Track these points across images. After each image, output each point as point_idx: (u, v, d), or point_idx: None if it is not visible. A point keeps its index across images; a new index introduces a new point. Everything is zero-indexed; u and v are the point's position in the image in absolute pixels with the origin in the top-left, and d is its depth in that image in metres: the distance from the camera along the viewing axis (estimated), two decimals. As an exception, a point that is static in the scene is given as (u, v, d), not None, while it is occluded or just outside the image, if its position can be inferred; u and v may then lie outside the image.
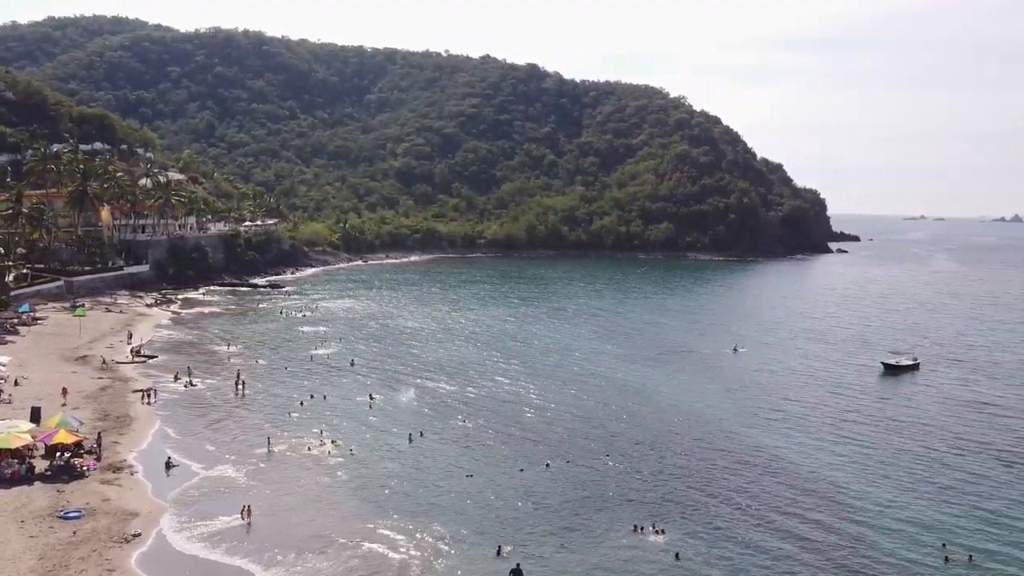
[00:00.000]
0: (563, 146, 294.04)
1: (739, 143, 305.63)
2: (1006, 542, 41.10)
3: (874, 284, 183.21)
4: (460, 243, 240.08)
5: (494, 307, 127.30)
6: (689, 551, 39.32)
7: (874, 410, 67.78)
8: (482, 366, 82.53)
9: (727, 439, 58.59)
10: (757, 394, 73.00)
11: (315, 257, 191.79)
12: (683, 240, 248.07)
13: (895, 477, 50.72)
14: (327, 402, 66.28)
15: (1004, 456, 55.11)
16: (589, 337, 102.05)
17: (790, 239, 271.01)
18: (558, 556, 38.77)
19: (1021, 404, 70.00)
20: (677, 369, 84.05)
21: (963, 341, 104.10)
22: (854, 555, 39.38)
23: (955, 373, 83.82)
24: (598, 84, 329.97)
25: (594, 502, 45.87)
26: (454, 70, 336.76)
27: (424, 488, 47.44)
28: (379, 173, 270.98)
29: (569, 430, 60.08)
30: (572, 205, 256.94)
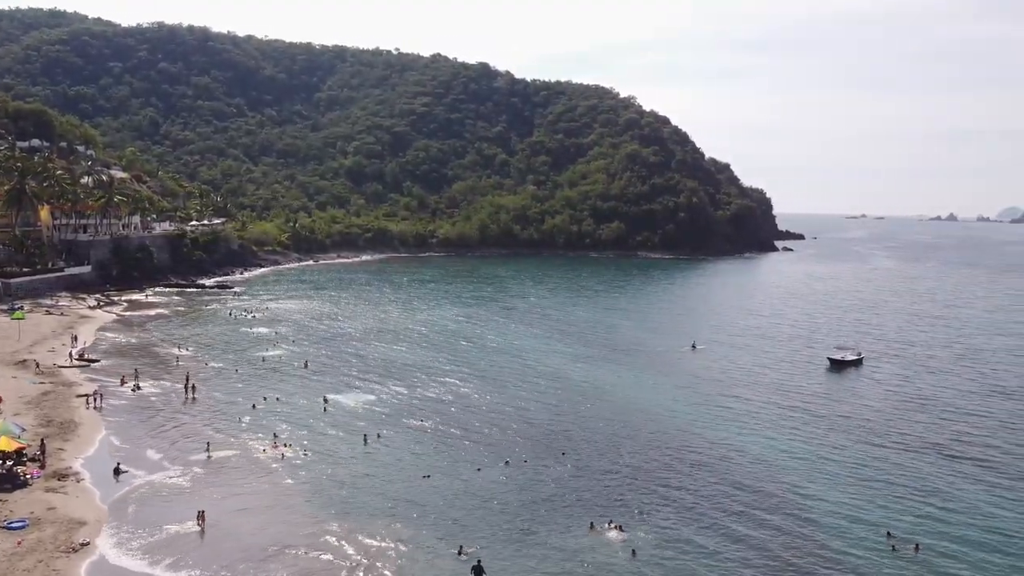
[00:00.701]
0: (514, 145, 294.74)
1: (688, 143, 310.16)
2: (948, 531, 42.54)
3: (818, 281, 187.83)
4: (412, 242, 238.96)
5: (446, 307, 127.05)
6: (646, 547, 39.87)
7: (821, 404, 69.52)
8: (435, 367, 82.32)
9: (681, 436, 59.50)
10: (709, 390, 74.26)
11: (264, 257, 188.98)
12: (634, 239, 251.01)
13: (842, 470, 52.12)
14: (280, 405, 65.36)
15: (943, 449, 57.01)
16: (542, 336, 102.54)
17: (738, 237, 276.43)
18: (518, 554, 38.97)
19: (958, 398, 72.49)
20: (631, 367, 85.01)
21: (903, 337, 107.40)
22: (806, 548, 40.34)
23: (896, 368, 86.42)
24: (549, 84, 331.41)
25: (552, 500, 46.18)
26: (405, 68, 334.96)
27: (381, 490, 47.18)
28: (329, 172, 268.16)
29: (524, 429, 60.33)
30: (524, 204, 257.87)
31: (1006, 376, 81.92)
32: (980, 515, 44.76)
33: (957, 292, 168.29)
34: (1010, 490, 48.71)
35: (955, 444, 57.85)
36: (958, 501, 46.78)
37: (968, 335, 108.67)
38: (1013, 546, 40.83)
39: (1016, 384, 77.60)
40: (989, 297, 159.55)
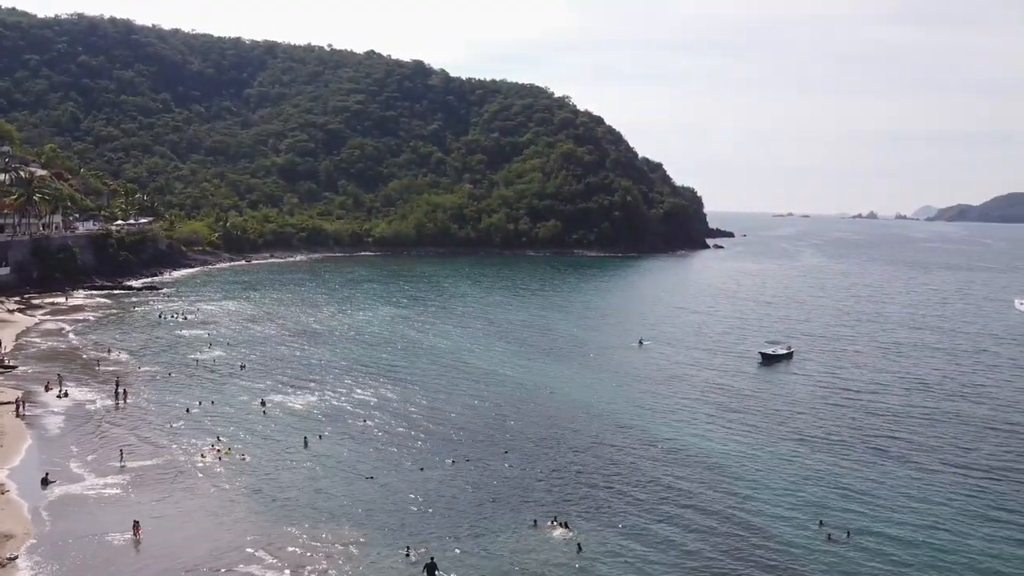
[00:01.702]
0: (450, 144, 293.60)
1: (621, 142, 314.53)
2: (876, 518, 44.37)
3: (748, 278, 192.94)
4: (347, 242, 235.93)
5: (383, 307, 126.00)
6: (591, 542, 40.45)
7: (755, 399, 71.53)
8: (374, 367, 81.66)
9: (621, 432, 60.45)
10: (647, 387, 75.62)
11: (194, 257, 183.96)
12: (570, 237, 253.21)
13: (777, 463, 53.78)
14: (215, 408, 63.93)
15: (870, 440, 59.32)
16: (481, 335, 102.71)
17: (671, 235, 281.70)
18: (466, 553, 39.05)
19: (882, 391, 75.51)
20: (570, 365, 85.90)
21: (830, 331, 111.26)
22: (746, 539, 41.51)
23: (824, 361, 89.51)
24: (484, 82, 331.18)
25: (496, 499, 46.42)
26: (338, 65, 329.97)
27: (325, 493, 46.66)
28: (261, 170, 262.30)
29: (466, 428, 60.41)
30: (460, 203, 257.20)
31: (926, 370, 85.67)
32: (906, 502, 46.78)
33: (879, 288, 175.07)
34: (932, 478, 51.02)
35: (880, 436, 60.24)
36: (885, 489, 48.80)
37: (890, 330, 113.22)
38: (938, 530, 42.81)
39: (936, 378, 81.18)
40: (909, 293, 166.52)
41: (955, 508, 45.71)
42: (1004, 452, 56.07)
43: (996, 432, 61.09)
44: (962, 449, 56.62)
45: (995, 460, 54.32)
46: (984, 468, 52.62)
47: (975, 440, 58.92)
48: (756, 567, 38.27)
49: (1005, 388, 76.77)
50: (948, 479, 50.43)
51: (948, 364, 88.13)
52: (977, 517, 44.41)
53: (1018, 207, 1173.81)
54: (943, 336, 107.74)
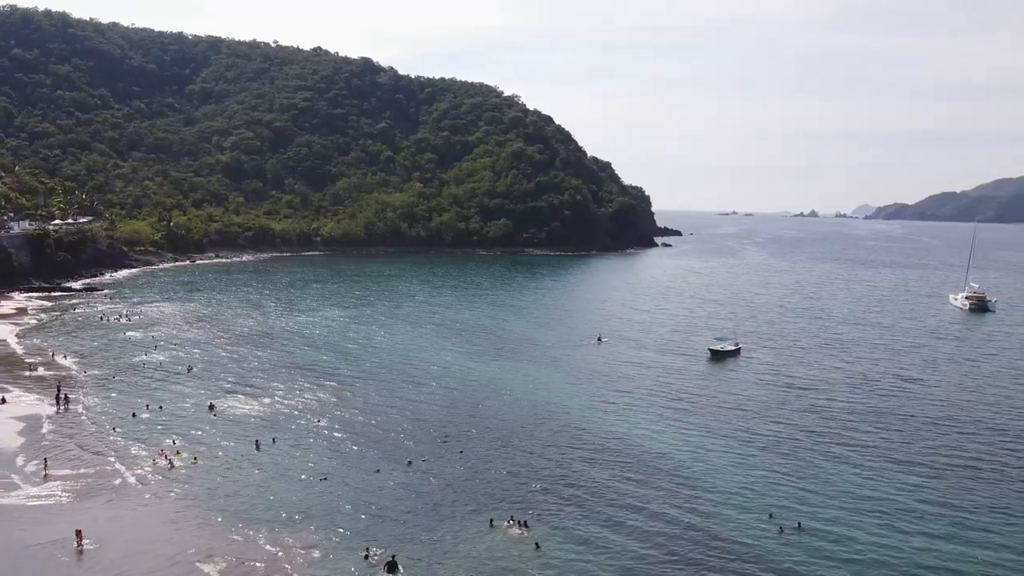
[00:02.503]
0: (400, 142, 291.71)
1: (571, 142, 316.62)
2: (824, 510, 45.66)
3: (696, 276, 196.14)
4: (295, 241, 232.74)
5: (333, 307, 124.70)
6: (550, 540, 40.79)
7: (705, 395, 72.84)
8: (324, 368, 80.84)
9: (575, 432, 60.97)
10: (601, 384, 76.41)
11: (136, 258, 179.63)
12: (520, 236, 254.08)
13: (728, 458, 54.92)
14: (164, 412, 62.60)
15: (815, 435, 60.97)
16: (432, 336, 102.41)
17: (620, 234, 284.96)
18: (425, 554, 38.99)
19: (826, 386, 77.66)
20: (523, 363, 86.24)
21: (775, 328, 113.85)
22: (700, 533, 42.36)
23: (770, 357, 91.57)
24: (433, 81, 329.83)
25: (453, 499, 46.45)
26: (284, 62, 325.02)
27: (279, 495, 46.10)
28: (205, 168, 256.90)
29: (420, 429, 60.26)
30: (410, 202, 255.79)
31: (868, 365, 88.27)
32: (851, 492, 48.28)
33: (821, 285, 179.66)
34: (876, 471, 52.71)
35: (826, 431, 61.90)
36: (832, 483, 50.25)
37: (832, 326, 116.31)
38: (883, 521, 44.26)
39: (876, 372, 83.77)
40: (849, 289, 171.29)
41: (899, 501, 47.26)
42: (943, 446, 58.09)
43: (935, 426, 63.27)
44: (904, 443, 58.55)
45: (935, 454, 56.24)
46: (924, 462, 54.41)
47: (916, 435, 60.97)
48: (713, 561, 39.06)
49: (943, 383, 79.62)
50: (891, 473, 52.09)
51: (888, 359, 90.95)
52: (919, 509, 45.95)
53: (950, 205, 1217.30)
54: (883, 332, 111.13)
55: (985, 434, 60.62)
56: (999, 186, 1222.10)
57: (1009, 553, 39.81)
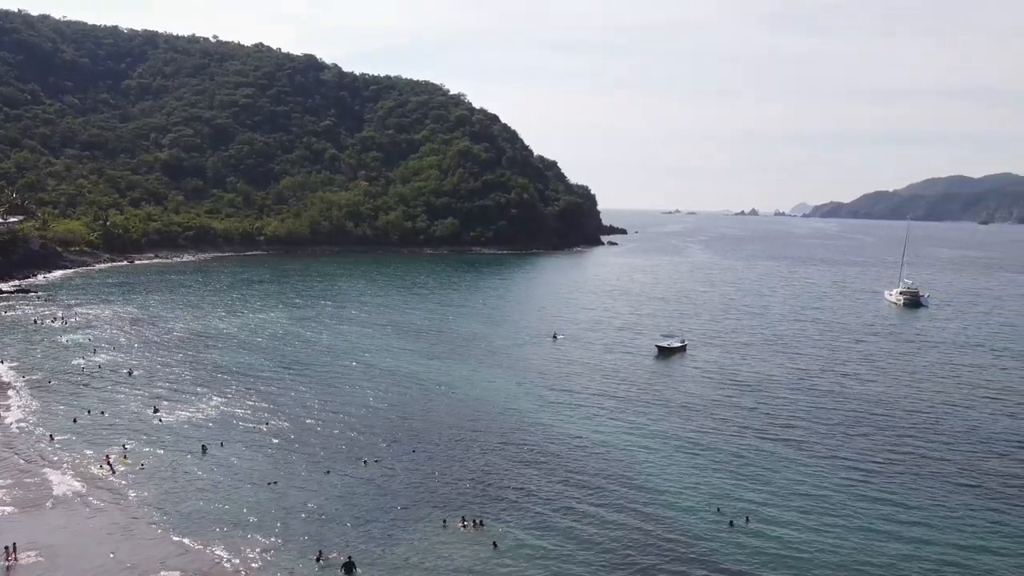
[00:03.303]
0: (344, 140, 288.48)
1: (517, 140, 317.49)
2: (771, 503, 46.88)
3: (642, 274, 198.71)
4: (238, 241, 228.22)
5: (279, 308, 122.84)
6: (506, 539, 41.00)
7: (653, 392, 73.95)
8: (270, 370, 79.62)
9: (526, 430, 61.33)
10: (550, 383, 76.91)
11: (71, 258, 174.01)
12: (468, 235, 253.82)
13: (677, 454, 55.90)
14: (106, 418, 60.90)
15: (760, 429, 62.54)
16: (380, 335, 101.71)
17: (567, 232, 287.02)
18: (381, 556, 38.81)
19: (769, 381, 79.62)
20: (472, 362, 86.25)
21: (719, 325, 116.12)
22: (652, 528, 43.06)
23: (715, 354, 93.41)
24: (378, 78, 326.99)
25: (407, 500, 46.30)
26: (225, 58, 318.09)
27: (229, 500, 45.30)
28: (143, 166, 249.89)
29: (371, 430, 59.87)
30: (356, 200, 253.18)
31: (808, 360, 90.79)
32: (796, 486, 49.63)
33: (763, 282, 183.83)
34: (818, 464, 54.30)
35: (770, 425, 63.50)
36: (777, 476, 51.62)
37: (774, 322, 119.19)
38: (826, 510, 45.66)
39: (817, 368, 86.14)
40: (790, 286, 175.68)
41: (841, 493, 48.76)
42: (883, 440, 60.00)
43: (874, 421, 65.36)
44: (845, 437, 60.35)
45: (875, 448, 58.06)
46: (864, 456, 56.10)
47: (856, 429, 62.90)
48: (667, 554, 39.74)
49: (880, 378, 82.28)
50: (834, 466, 53.65)
51: (828, 355, 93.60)
52: (861, 502, 47.41)
53: (882, 204, 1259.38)
54: (822, 327, 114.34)
55: (921, 427, 62.85)
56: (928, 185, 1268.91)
57: (947, 545, 41.29)
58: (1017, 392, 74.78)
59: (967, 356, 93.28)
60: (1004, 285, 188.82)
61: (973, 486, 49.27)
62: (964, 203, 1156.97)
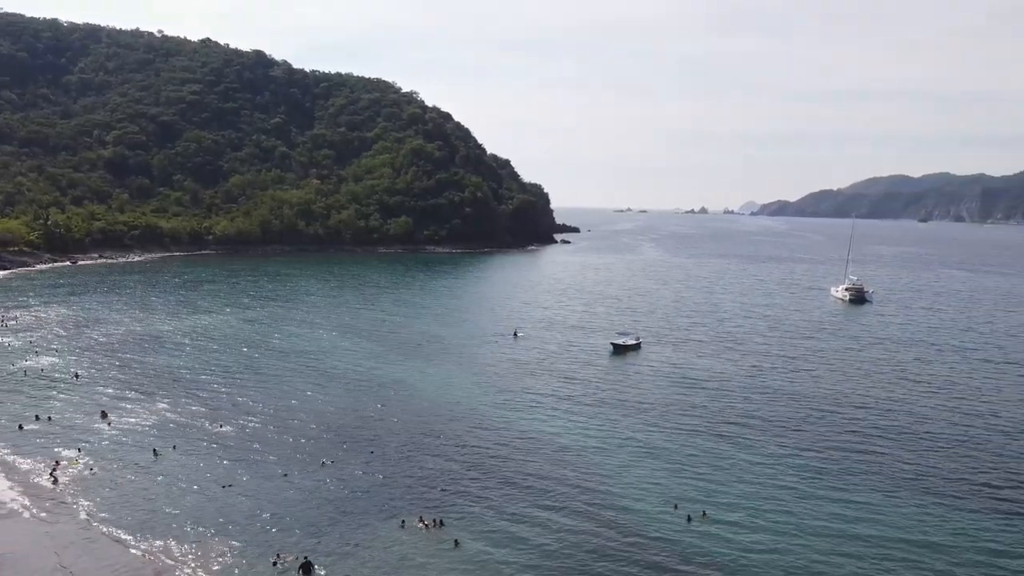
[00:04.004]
0: (295, 138, 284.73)
1: (470, 139, 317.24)
2: (727, 498, 47.74)
3: (595, 272, 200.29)
4: (186, 240, 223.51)
5: (229, 308, 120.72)
6: (468, 538, 41.03)
7: (610, 389, 74.62)
8: (223, 371, 78.30)
9: (484, 429, 61.38)
10: (507, 382, 77.07)
11: (10, 259, 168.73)
12: (421, 233, 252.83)
13: (634, 451, 56.51)
14: (53, 423, 59.17)
15: (714, 425, 63.61)
16: (334, 335, 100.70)
17: (520, 231, 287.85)
18: (339, 556, 38.51)
19: (722, 378, 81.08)
20: (427, 362, 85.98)
21: (672, 322, 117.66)
22: (611, 525, 43.51)
23: (668, 351, 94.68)
24: (329, 75, 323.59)
25: (364, 500, 46.01)
26: (170, 53, 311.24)
27: (182, 504, 44.47)
28: (85, 163, 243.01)
29: (327, 431, 59.31)
30: (308, 199, 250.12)
31: (758, 356, 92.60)
32: (750, 480, 50.65)
33: (714, 280, 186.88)
34: (772, 459, 55.51)
35: (723, 421, 64.60)
36: (731, 470, 52.59)
37: (726, 319, 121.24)
38: (780, 503, 46.71)
39: (768, 364, 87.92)
40: (740, 283, 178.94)
41: (795, 486, 49.92)
42: (831, 433, 61.57)
43: (823, 415, 67.00)
44: (795, 432, 61.73)
45: (824, 441, 59.53)
46: (815, 449, 57.53)
47: (806, 423, 64.42)
48: (625, 551, 40.21)
49: (828, 372, 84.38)
50: (785, 460, 54.90)
51: (778, 351, 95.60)
52: (812, 494, 48.58)
53: (827, 202, 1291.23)
54: (772, 324, 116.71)
55: (869, 423, 64.54)
56: (871, 184, 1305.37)
57: (895, 540, 42.39)
58: (958, 387, 77.40)
59: (910, 351, 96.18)
60: (943, 281, 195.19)
61: (919, 481, 50.70)
62: (905, 202, 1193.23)
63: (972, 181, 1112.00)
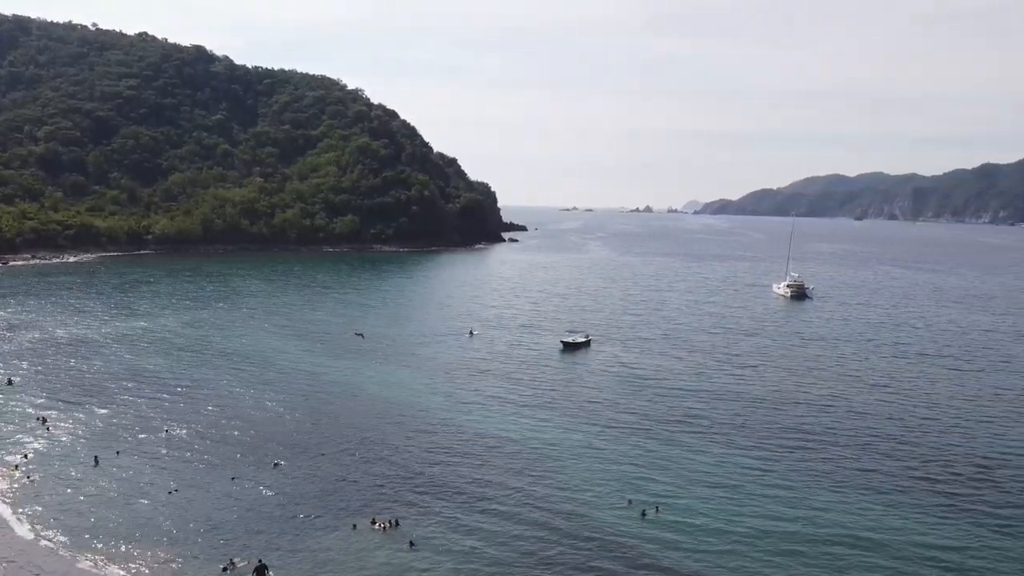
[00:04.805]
0: (238, 135, 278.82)
1: (416, 137, 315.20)
2: (678, 492, 48.56)
3: (543, 270, 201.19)
4: (124, 240, 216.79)
5: (171, 310, 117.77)
6: (423, 537, 40.88)
7: (560, 388, 75.13)
8: (165, 374, 76.43)
9: (435, 428, 61.23)
10: (458, 381, 76.96)
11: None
12: (368, 232, 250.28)
13: (585, 447, 57.06)
14: (-15, 430, 56.90)
15: (663, 421, 64.65)
16: (280, 336, 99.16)
17: (468, 229, 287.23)
18: (293, 559, 37.96)
19: (669, 374, 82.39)
20: (376, 362, 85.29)
21: (620, 320, 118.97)
22: (565, 520, 43.90)
23: (617, 348, 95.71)
24: (273, 72, 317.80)
25: (316, 502, 45.48)
26: (105, 47, 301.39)
27: (128, 511, 43.33)
28: (16, 160, 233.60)
29: (276, 433, 58.43)
30: (251, 197, 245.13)
31: (704, 353, 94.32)
32: (700, 475, 51.62)
33: (660, 278, 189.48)
34: (721, 454, 56.63)
35: (672, 418, 65.64)
36: (682, 465, 53.52)
37: (671, 316, 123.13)
38: (729, 496, 47.69)
39: (714, 360, 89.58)
40: (685, 281, 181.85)
41: (742, 484, 50.98)
42: (777, 427, 63.21)
43: (769, 409, 68.67)
44: (742, 427, 63.12)
45: (771, 435, 61.02)
46: (762, 444, 59.00)
47: (752, 418, 65.91)
48: (580, 546, 40.59)
49: (772, 367, 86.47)
50: (733, 453, 56.11)
51: (723, 347, 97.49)
52: (761, 488, 49.80)
53: (767, 201, 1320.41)
54: (716, 320, 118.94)
55: (812, 416, 66.38)
56: (809, 184, 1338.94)
57: (840, 528, 43.82)
58: (896, 382, 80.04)
59: (850, 347, 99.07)
60: (879, 277, 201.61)
61: (862, 476, 52.12)
62: (841, 200, 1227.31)
63: (904, 181, 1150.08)
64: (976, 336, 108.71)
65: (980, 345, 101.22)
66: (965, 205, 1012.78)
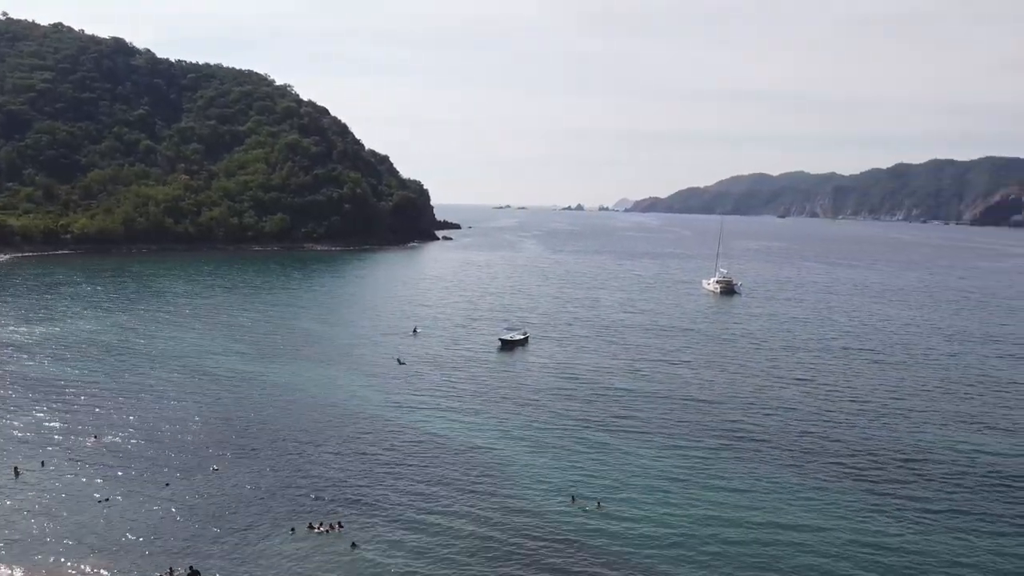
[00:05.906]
0: (161, 131, 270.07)
1: (348, 134, 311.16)
2: (619, 487, 49.27)
3: (478, 269, 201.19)
4: (40, 239, 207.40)
5: (92, 312, 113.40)
6: (365, 539, 40.44)
7: (500, 386, 75.25)
8: (88, 380, 73.46)
9: (375, 428, 60.66)
10: (396, 381, 76.35)
11: None
12: (299, 231, 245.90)
13: (527, 445, 57.36)
14: None
15: (601, 418, 65.46)
16: (208, 338, 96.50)
17: (401, 228, 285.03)
18: (229, 566, 37.03)
19: (606, 371, 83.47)
20: (310, 363, 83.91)
21: (556, 318, 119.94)
22: (508, 520, 44.01)
23: (553, 346, 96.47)
24: (197, 66, 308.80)
25: (256, 508, 44.55)
26: (16, 38, 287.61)
27: (57, 523, 41.63)
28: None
29: (209, 437, 56.98)
30: (176, 195, 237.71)
31: (639, 349, 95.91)
32: (638, 470, 52.49)
33: (594, 275, 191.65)
34: (655, 447, 57.72)
35: (610, 415, 66.34)
36: (621, 462, 54.30)
37: (606, 314, 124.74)
38: (669, 492, 48.62)
39: (648, 357, 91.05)
40: (618, 279, 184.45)
41: (681, 477, 52.05)
42: (710, 423, 64.69)
43: (704, 405, 70.12)
44: (678, 423, 64.34)
45: (704, 431, 62.37)
46: (695, 440, 60.18)
47: (686, 413, 67.24)
48: (524, 543, 40.78)
49: (704, 363, 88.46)
50: (671, 451, 57.15)
51: (657, 343, 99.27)
52: (700, 483, 50.90)
53: (695, 200, 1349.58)
54: (649, 317, 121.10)
55: (745, 410, 68.16)
56: (734, 183, 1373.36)
57: (777, 517, 45.17)
58: (823, 374, 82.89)
59: (778, 341, 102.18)
60: (804, 273, 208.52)
61: (796, 468, 53.71)
62: (765, 199, 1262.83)
63: (824, 180, 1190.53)
64: (896, 329, 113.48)
65: (900, 339, 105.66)
66: (881, 203, 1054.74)
